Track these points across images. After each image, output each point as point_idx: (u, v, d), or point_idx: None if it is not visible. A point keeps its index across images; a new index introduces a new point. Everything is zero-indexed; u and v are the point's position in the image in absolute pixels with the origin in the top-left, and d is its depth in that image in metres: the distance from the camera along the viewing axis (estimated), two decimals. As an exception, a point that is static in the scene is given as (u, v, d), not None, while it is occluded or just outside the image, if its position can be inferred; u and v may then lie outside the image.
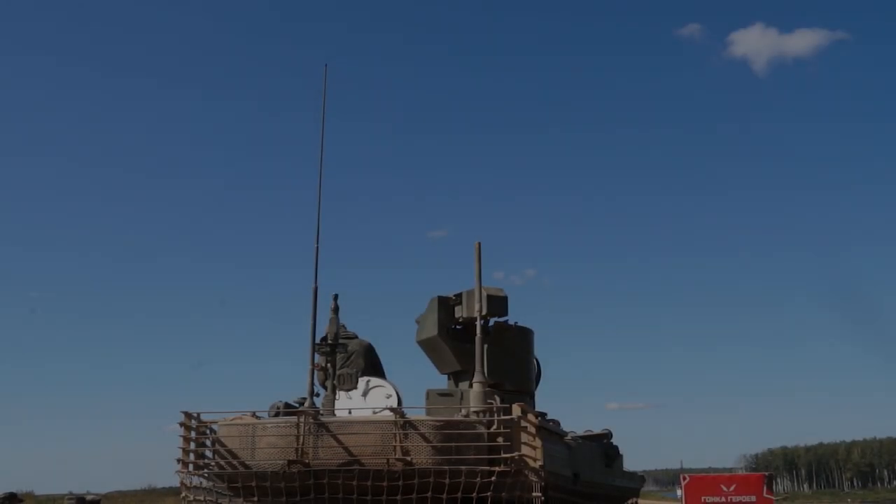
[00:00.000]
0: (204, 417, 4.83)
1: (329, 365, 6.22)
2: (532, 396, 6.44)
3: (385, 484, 4.58)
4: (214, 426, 4.92)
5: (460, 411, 4.95)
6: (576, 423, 6.58)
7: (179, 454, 4.83)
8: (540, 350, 6.74)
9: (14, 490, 9.98)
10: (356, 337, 7.14)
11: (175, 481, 5.08)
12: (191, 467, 4.82)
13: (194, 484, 4.93)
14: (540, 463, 4.69)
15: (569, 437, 6.08)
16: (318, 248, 5.78)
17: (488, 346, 5.59)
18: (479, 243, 5.27)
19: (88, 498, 9.60)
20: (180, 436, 4.75)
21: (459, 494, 4.60)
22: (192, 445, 4.80)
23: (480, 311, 5.25)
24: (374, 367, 6.98)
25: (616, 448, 6.76)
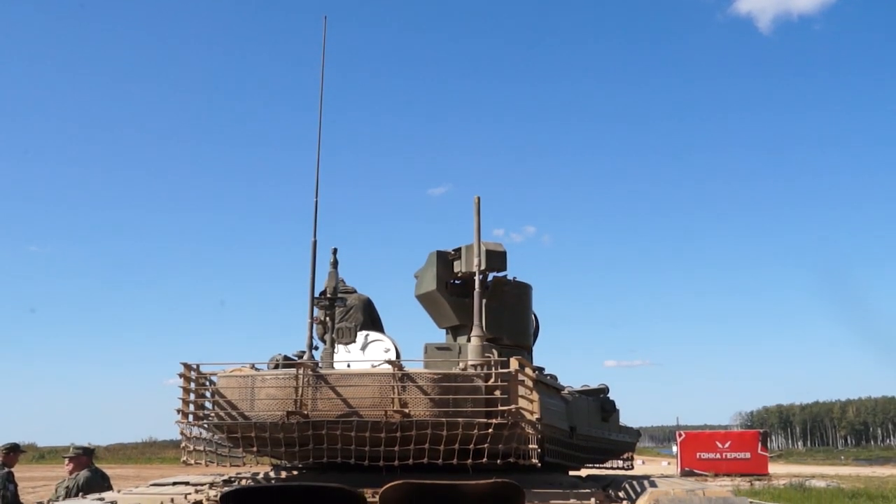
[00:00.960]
0: (203, 369, 4.86)
1: (328, 319, 6.26)
2: (530, 351, 6.47)
3: (383, 435, 4.62)
4: (214, 378, 4.95)
5: (458, 365, 4.99)
6: (573, 379, 6.63)
7: (179, 406, 4.86)
8: (538, 306, 6.77)
9: (16, 441, 10.07)
10: (355, 291, 7.17)
11: (175, 434, 5.13)
12: (190, 418, 4.86)
13: (194, 434, 4.98)
14: (537, 416, 4.73)
15: (566, 392, 6.13)
16: (317, 201, 5.78)
17: (487, 301, 5.61)
18: (479, 197, 5.26)
19: (91, 447, 9.68)
20: (180, 387, 4.78)
21: (457, 446, 4.64)
22: (192, 397, 4.84)
23: (479, 265, 5.26)
24: (372, 321, 7.02)
25: (613, 402, 6.82)
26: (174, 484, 5.00)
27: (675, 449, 40.33)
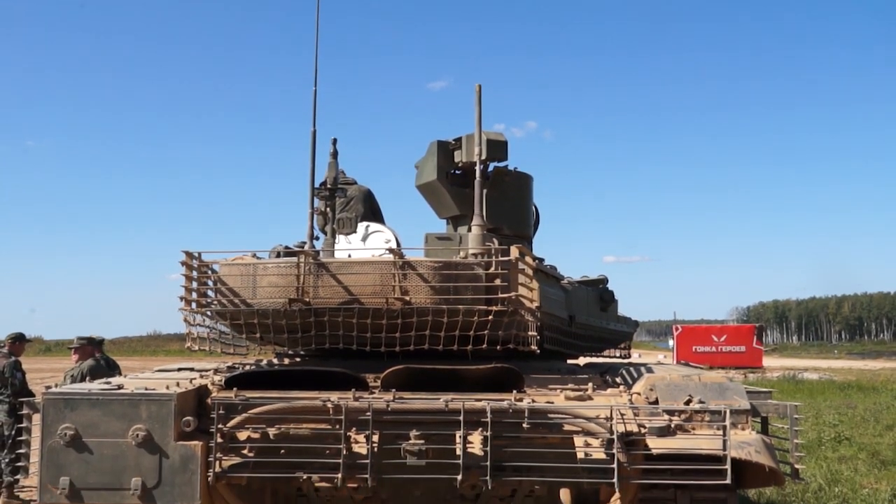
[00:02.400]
0: (205, 258, 4.88)
1: (328, 209, 6.25)
2: (530, 242, 6.48)
3: (384, 322, 4.67)
4: (215, 266, 4.97)
5: (459, 253, 5.00)
6: (573, 273, 6.66)
7: (182, 295, 4.89)
8: (539, 199, 6.75)
9: (22, 332, 10.19)
10: (355, 183, 7.14)
11: (180, 327, 5.20)
12: (193, 306, 4.90)
13: (197, 322, 5.03)
14: (536, 304, 4.77)
15: (565, 282, 6.17)
16: (315, 90, 5.70)
17: (487, 191, 5.58)
18: (480, 85, 5.18)
19: (97, 338, 9.83)
20: (182, 275, 4.80)
21: (457, 332, 4.70)
22: (194, 285, 4.87)
23: (480, 154, 5.22)
24: (373, 212, 7.01)
25: (611, 293, 6.87)
26: (179, 370, 5.08)
27: (671, 343, 40.94)
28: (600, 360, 7.13)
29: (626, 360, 7.13)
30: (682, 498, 4.39)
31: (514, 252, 4.75)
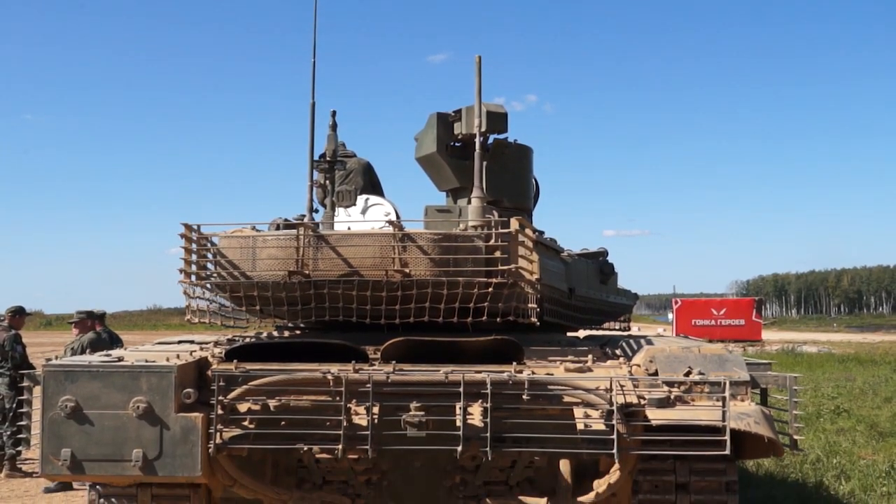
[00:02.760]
0: (204, 230, 4.86)
1: (327, 182, 6.23)
2: (530, 215, 6.47)
3: (384, 294, 4.67)
4: (215, 239, 4.96)
5: (458, 226, 4.99)
6: (573, 246, 6.65)
7: (182, 268, 4.89)
8: (539, 174, 6.73)
9: (22, 305, 10.20)
10: (355, 156, 7.12)
11: (180, 301, 5.20)
12: (193, 278, 4.89)
13: (197, 294, 5.03)
14: (536, 276, 4.77)
15: (565, 254, 6.16)
16: (314, 62, 5.65)
17: (487, 163, 5.56)
18: (479, 57, 5.13)
19: (97, 312, 9.84)
20: (181, 247, 4.80)
21: (457, 304, 4.70)
22: (194, 258, 4.86)
23: (480, 126, 5.19)
24: (373, 185, 7.00)
25: (611, 265, 6.86)
26: (179, 342, 5.08)
27: (670, 316, 41.05)
28: (600, 332, 7.14)
29: (625, 333, 7.15)
30: (681, 469, 4.42)
31: (514, 224, 4.74)
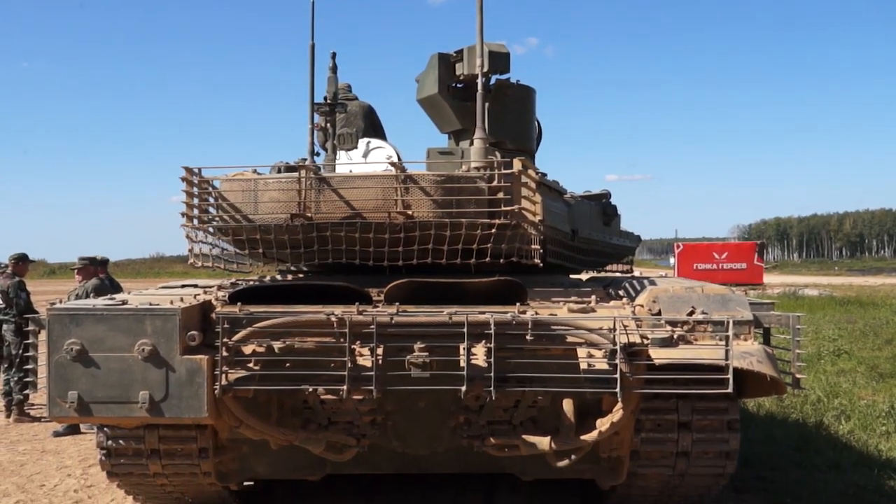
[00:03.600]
0: (205, 173, 4.84)
1: (328, 125, 6.18)
2: (532, 157, 6.43)
3: (387, 236, 4.66)
4: (216, 183, 4.94)
5: (461, 167, 4.96)
6: (575, 190, 6.61)
7: (184, 211, 4.88)
8: (542, 115, 6.67)
9: (32, 261, 10.20)
10: (356, 99, 7.06)
11: (183, 249, 5.19)
12: (195, 222, 4.88)
13: (200, 239, 5.02)
14: (539, 217, 4.75)
15: (568, 196, 6.14)
16: (314, 3, 5.57)
17: (489, 105, 5.51)
18: None
19: (99, 258, 9.84)
20: (183, 191, 4.77)
21: (460, 246, 4.69)
22: (196, 201, 4.84)
23: (482, 66, 5.12)
24: (374, 128, 6.95)
25: (614, 207, 6.84)
26: (183, 287, 5.09)
27: (672, 261, 41.04)
28: (603, 275, 7.14)
29: (628, 276, 7.14)
30: (683, 408, 4.46)
31: (517, 164, 4.71)
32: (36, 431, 8.69)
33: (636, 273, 7.32)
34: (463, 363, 3.96)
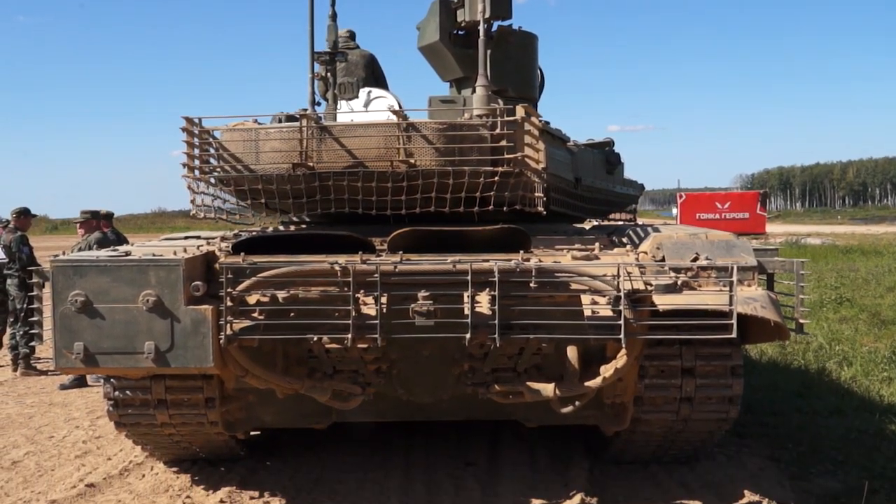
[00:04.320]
0: (206, 123, 4.80)
1: (329, 74, 6.13)
2: (535, 105, 6.37)
3: (389, 185, 4.64)
4: (217, 133, 4.91)
5: (463, 115, 4.92)
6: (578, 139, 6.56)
7: (185, 162, 4.85)
8: (544, 63, 6.60)
9: (34, 215, 10.15)
10: (358, 48, 6.98)
11: (185, 204, 5.17)
12: (196, 173, 4.86)
13: (201, 190, 5.00)
14: (542, 165, 4.72)
15: (571, 144, 6.10)
16: None
17: (491, 52, 5.43)
18: None
19: (102, 212, 9.79)
20: (183, 140, 4.74)
21: (463, 194, 4.68)
22: (196, 152, 4.81)
23: (484, 12, 5.05)
24: (375, 78, 6.88)
25: (618, 155, 6.80)
26: (186, 238, 5.08)
27: (674, 211, 40.97)
28: (606, 223, 7.13)
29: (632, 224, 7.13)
30: (686, 354, 4.48)
31: (520, 111, 4.67)
32: (43, 385, 8.76)
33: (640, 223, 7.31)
34: (467, 311, 3.96)
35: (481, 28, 5.04)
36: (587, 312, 4.07)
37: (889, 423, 6.45)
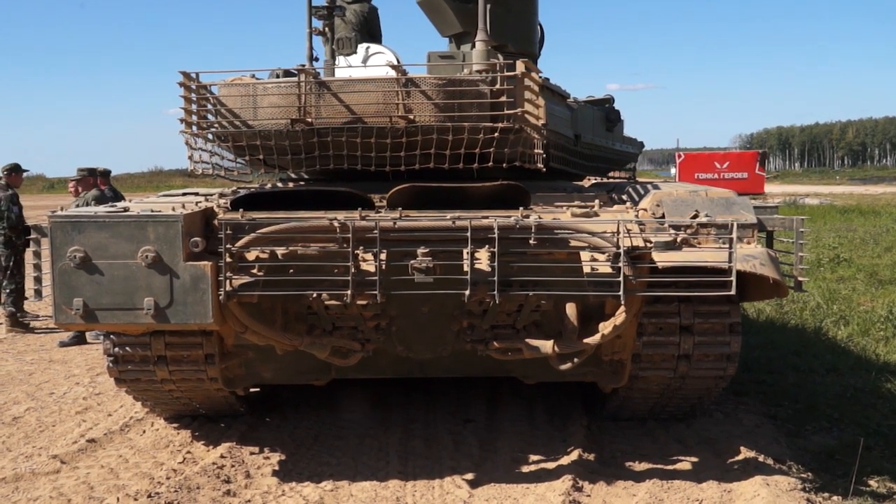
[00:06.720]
0: (203, 79, 4.75)
1: (327, 29, 6.07)
2: (535, 61, 6.31)
3: (388, 141, 4.61)
4: (214, 89, 4.86)
5: (462, 70, 4.87)
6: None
7: (182, 117, 4.81)
8: (543, 22, 6.53)
9: (26, 170, 10.04)
10: (357, 2, 6.89)
11: (181, 163, 5.16)
12: (194, 129, 4.82)
13: (199, 146, 4.97)
14: (542, 121, 4.69)
15: (571, 101, 6.05)
16: None
17: (491, 6, 5.36)
18: None
19: (99, 169, 9.71)
20: (181, 96, 4.70)
21: (462, 151, 4.65)
22: (194, 107, 4.77)
23: (483, -35, 4.98)
24: (372, 34, 6.80)
25: (618, 112, 6.76)
26: (184, 194, 5.06)
27: (673, 171, 40.85)
28: (606, 181, 7.11)
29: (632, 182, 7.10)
30: (685, 311, 4.49)
31: (520, 66, 4.63)
32: (43, 342, 8.77)
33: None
34: (466, 267, 3.95)
35: (481, -19, 4.97)
36: (586, 269, 4.07)
37: (885, 382, 6.50)
